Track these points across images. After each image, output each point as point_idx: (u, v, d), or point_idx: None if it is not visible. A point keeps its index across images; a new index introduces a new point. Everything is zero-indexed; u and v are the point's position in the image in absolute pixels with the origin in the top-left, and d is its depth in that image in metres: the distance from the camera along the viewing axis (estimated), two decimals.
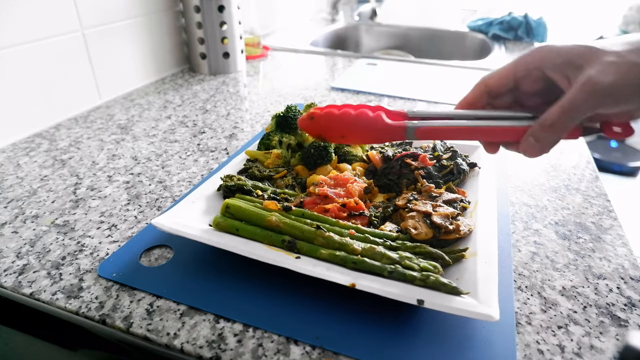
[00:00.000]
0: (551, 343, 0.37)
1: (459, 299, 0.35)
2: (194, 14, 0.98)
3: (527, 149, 0.38)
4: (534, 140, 0.37)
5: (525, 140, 0.38)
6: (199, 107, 0.87)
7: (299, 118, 0.46)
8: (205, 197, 0.49)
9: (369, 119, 0.42)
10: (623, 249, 0.48)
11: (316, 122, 0.44)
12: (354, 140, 0.48)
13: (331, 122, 0.43)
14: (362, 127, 0.42)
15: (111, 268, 0.43)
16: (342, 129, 0.43)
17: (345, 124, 0.43)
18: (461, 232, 0.43)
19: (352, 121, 0.42)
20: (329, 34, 1.58)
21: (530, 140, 0.38)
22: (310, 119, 0.44)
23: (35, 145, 0.70)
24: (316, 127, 0.44)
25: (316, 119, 0.44)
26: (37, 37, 0.72)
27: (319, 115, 0.44)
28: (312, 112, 0.44)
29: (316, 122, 0.44)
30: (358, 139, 0.46)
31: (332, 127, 0.43)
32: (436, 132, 0.41)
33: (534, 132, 0.37)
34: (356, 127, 0.42)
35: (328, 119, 0.43)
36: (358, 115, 0.42)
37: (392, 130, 0.41)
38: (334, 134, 0.44)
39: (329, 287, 0.39)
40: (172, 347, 0.36)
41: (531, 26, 1.39)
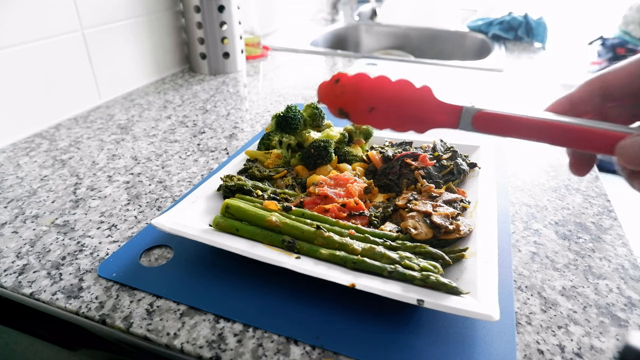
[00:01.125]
0: (551, 343, 0.37)
1: (459, 299, 0.35)
2: (194, 14, 0.98)
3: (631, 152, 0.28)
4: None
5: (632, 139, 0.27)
6: (199, 107, 0.87)
7: (321, 84, 0.36)
8: (205, 197, 0.49)
9: (413, 91, 0.33)
10: (623, 249, 0.48)
11: (342, 87, 0.35)
12: (385, 119, 0.35)
13: (361, 89, 0.34)
14: (401, 99, 0.33)
15: (111, 268, 0.43)
16: (374, 99, 0.34)
17: (379, 92, 0.34)
18: (461, 232, 0.43)
19: (390, 90, 0.33)
20: (329, 34, 1.58)
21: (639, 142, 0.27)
22: (335, 82, 0.35)
23: (35, 145, 0.70)
24: (340, 95, 0.35)
25: (343, 83, 0.35)
26: (37, 37, 0.72)
27: (347, 79, 0.35)
28: (339, 74, 0.35)
29: (341, 88, 0.35)
30: (391, 116, 0.34)
31: (362, 95, 0.34)
32: (502, 122, 0.31)
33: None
34: (393, 99, 0.33)
35: (358, 85, 0.34)
36: (399, 84, 0.33)
37: (442, 110, 0.32)
38: (361, 105, 0.35)
39: (329, 287, 0.39)
40: (172, 347, 0.36)
41: (531, 26, 1.39)
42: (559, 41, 1.49)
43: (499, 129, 0.31)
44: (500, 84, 1.02)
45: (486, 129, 0.32)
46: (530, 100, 0.90)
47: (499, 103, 0.32)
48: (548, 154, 0.69)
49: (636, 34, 2.36)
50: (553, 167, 0.66)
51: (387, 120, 0.35)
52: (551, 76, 1.08)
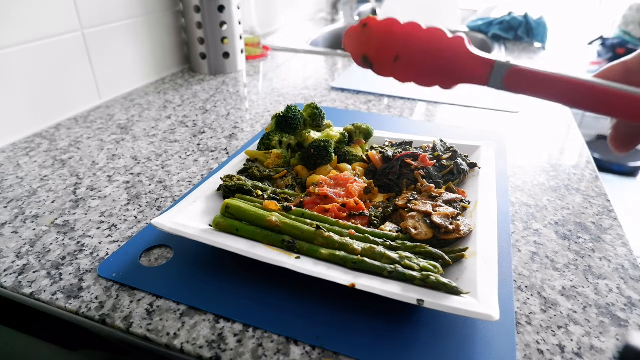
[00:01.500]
0: (551, 343, 0.37)
1: (459, 299, 0.35)
2: (194, 14, 0.98)
3: None
4: None
5: None
6: (199, 107, 0.87)
7: (348, 28, 0.35)
8: (205, 197, 0.49)
9: (444, 39, 0.31)
10: (623, 249, 0.48)
11: (369, 31, 0.33)
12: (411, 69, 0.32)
13: (390, 33, 0.32)
14: (431, 47, 0.31)
15: (111, 268, 0.43)
16: (401, 46, 0.32)
17: (408, 38, 0.32)
18: (461, 232, 0.43)
19: (419, 37, 0.31)
20: (329, 34, 1.58)
21: None
22: (362, 26, 0.33)
23: (35, 145, 0.70)
24: (366, 41, 0.33)
25: (370, 27, 0.33)
26: (37, 37, 0.72)
27: (375, 23, 0.33)
28: (367, 18, 0.33)
29: (369, 33, 0.33)
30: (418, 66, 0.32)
31: (389, 41, 0.32)
32: (538, 81, 0.28)
33: None
34: (422, 46, 0.31)
35: (387, 29, 0.32)
36: (430, 30, 0.31)
37: (473, 63, 0.30)
38: (387, 53, 0.33)
39: (329, 287, 0.39)
40: (172, 347, 0.36)
41: (531, 26, 1.39)
42: (559, 41, 1.49)
43: (533, 88, 0.29)
44: None
45: (518, 88, 0.29)
46: (530, 101, 0.90)
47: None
48: (548, 154, 0.69)
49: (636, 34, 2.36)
50: (553, 167, 0.66)
51: (413, 71, 0.33)
52: None
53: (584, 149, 0.71)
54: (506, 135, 0.74)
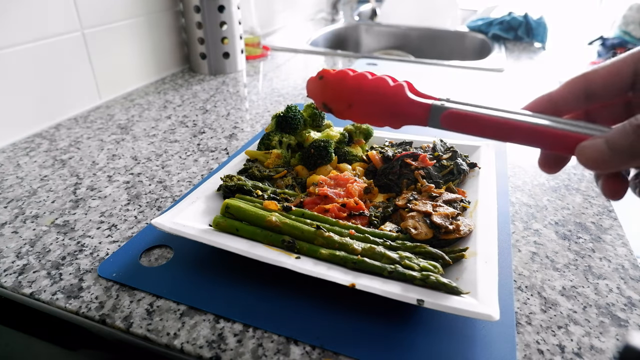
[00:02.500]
0: (551, 343, 0.37)
1: (459, 299, 0.35)
2: (194, 14, 0.98)
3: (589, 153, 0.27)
4: (606, 147, 0.26)
5: (593, 141, 0.27)
6: (199, 107, 0.87)
7: (308, 79, 0.40)
8: (205, 197, 0.49)
9: (386, 88, 0.34)
10: (623, 249, 0.48)
11: (325, 83, 0.37)
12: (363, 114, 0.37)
13: (342, 85, 0.36)
14: (375, 96, 0.35)
15: (111, 268, 0.43)
16: (352, 96, 0.36)
17: (357, 89, 0.36)
18: (461, 232, 0.43)
19: (366, 87, 0.35)
20: (329, 34, 1.58)
21: (599, 144, 0.26)
22: (319, 78, 0.38)
23: (35, 145, 0.70)
24: (324, 90, 0.38)
25: (326, 79, 0.37)
26: (37, 37, 0.72)
27: (329, 76, 0.37)
28: (322, 71, 0.38)
29: (325, 84, 0.37)
30: (368, 112, 0.36)
31: (342, 91, 0.36)
32: (470, 122, 0.31)
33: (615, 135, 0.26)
34: (369, 95, 0.35)
35: (339, 81, 0.37)
36: (375, 81, 0.35)
37: (412, 108, 0.33)
38: (341, 101, 0.37)
39: (329, 287, 0.39)
40: (172, 347, 0.36)
41: (531, 26, 1.39)
42: (559, 41, 1.49)
43: (467, 128, 0.31)
44: (500, 84, 1.02)
45: (454, 128, 0.32)
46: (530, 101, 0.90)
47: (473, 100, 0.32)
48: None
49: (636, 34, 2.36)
50: None
51: (365, 116, 0.37)
52: (551, 76, 1.08)
53: None
54: None
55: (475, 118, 0.31)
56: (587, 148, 0.27)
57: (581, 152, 0.27)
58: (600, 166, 0.26)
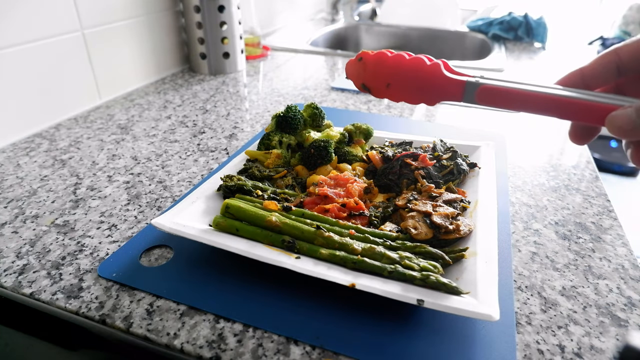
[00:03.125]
0: (551, 343, 0.37)
1: (459, 299, 0.35)
2: (194, 14, 0.98)
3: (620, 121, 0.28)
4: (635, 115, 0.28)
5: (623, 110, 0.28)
6: (199, 107, 0.87)
7: (348, 61, 0.42)
8: (205, 197, 0.49)
9: (423, 67, 0.37)
10: (623, 249, 0.48)
11: (364, 65, 0.40)
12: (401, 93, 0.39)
13: (381, 65, 0.39)
14: (413, 74, 0.37)
15: (111, 268, 0.43)
16: (390, 75, 0.39)
17: (396, 69, 0.38)
18: (461, 232, 0.43)
19: (404, 66, 0.38)
20: (329, 34, 1.58)
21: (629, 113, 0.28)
22: (358, 60, 0.40)
23: (35, 145, 0.70)
24: (363, 72, 0.40)
25: (365, 60, 0.40)
26: (37, 37, 0.72)
27: (369, 57, 0.40)
28: (362, 53, 0.41)
29: (364, 65, 0.40)
30: (406, 90, 0.39)
31: (381, 72, 0.39)
32: (504, 96, 0.33)
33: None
34: (407, 74, 0.38)
35: (378, 62, 0.39)
36: (412, 61, 0.38)
37: (448, 84, 0.35)
38: (380, 81, 0.39)
39: (329, 287, 0.39)
40: (172, 347, 0.36)
41: (531, 26, 1.39)
42: (559, 41, 1.49)
43: (500, 103, 0.33)
44: None
45: (488, 103, 0.34)
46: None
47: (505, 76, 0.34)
48: (548, 154, 0.69)
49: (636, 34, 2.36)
50: (553, 167, 0.66)
51: (403, 94, 0.39)
52: (551, 76, 1.08)
53: (584, 149, 0.71)
54: (506, 135, 0.74)
55: (509, 92, 0.32)
56: (618, 117, 0.28)
57: (611, 121, 0.28)
58: (629, 134, 0.28)
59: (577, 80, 0.32)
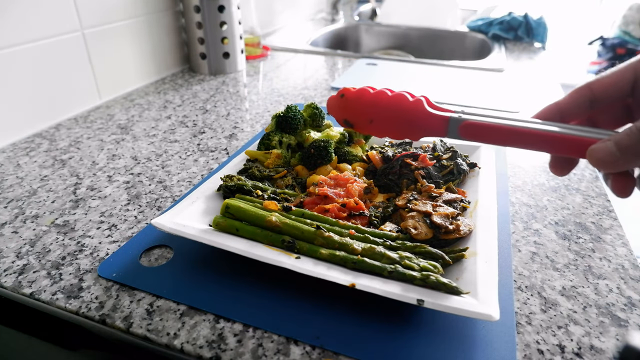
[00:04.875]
0: (551, 343, 0.37)
1: (459, 299, 0.35)
2: (194, 14, 0.98)
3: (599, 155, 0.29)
4: (615, 148, 0.28)
5: (602, 144, 0.29)
6: (199, 107, 0.87)
7: (329, 97, 0.42)
8: (205, 197, 0.49)
9: (406, 104, 0.37)
10: (623, 249, 0.48)
11: (346, 101, 0.40)
12: (384, 129, 0.39)
13: (363, 102, 0.39)
14: (396, 111, 0.37)
15: (111, 268, 0.43)
16: (372, 112, 0.38)
17: (378, 106, 0.38)
18: (461, 232, 0.43)
19: (386, 103, 0.37)
20: (329, 34, 1.58)
21: (608, 146, 0.29)
22: (340, 96, 0.40)
23: (35, 145, 0.70)
24: (345, 108, 0.40)
25: (347, 97, 0.40)
26: (37, 37, 0.72)
27: (350, 94, 0.39)
28: (343, 90, 0.40)
29: (346, 102, 0.40)
30: (389, 126, 0.39)
31: (363, 109, 0.39)
32: (486, 131, 0.33)
33: (623, 137, 0.28)
34: (389, 111, 0.37)
35: (359, 99, 0.39)
36: (395, 97, 0.37)
37: (431, 121, 0.35)
38: (362, 117, 0.39)
39: (329, 287, 0.39)
40: (172, 347, 0.36)
41: (531, 26, 1.39)
42: (559, 41, 1.49)
43: (483, 138, 0.34)
44: (500, 84, 1.02)
45: (471, 137, 0.34)
46: (529, 100, 0.90)
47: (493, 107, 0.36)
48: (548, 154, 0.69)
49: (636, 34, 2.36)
50: None
51: (386, 130, 0.40)
52: (551, 76, 1.08)
53: None
54: None
55: (491, 128, 0.33)
56: (598, 150, 0.29)
57: (592, 154, 0.30)
58: (609, 166, 0.29)
59: (554, 113, 0.34)
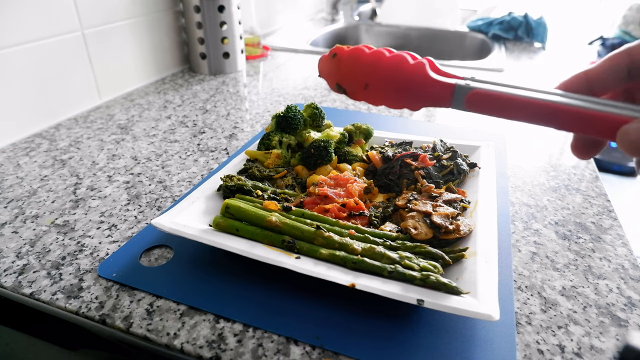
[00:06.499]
0: (551, 343, 0.37)
1: (459, 299, 0.35)
2: (194, 14, 0.98)
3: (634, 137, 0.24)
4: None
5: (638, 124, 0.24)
6: (199, 107, 0.87)
7: (320, 57, 0.37)
8: (205, 197, 0.49)
9: (405, 66, 0.31)
10: (623, 249, 0.48)
11: (338, 61, 0.35)
12: (380, 95, 0.34)
13: (357, 63, 0.34)
14: (395, 75, 0.32)
15: (111, 268, 0.43)
16: (368, 75, 0.33)
17: (374, 68, 0.33)
18: (461, 232, 0.43)
19: (383, 65, 0.32)
20: (329, 34, 1.58)
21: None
22: (332, 56, 0.35)
23: (35, 145, 0.70)
24: (337, 69, 0.35)
25: (339, 57, 0.35)
26: (37, 37, 0.72)
27: (343, 53, 0.34)
28: (336, 48, 0.35)
29: (338, 62, 0.35)
30: (386, 93, 0.33)
31: (357, 70, 0.34)
32: (498, 102, 0.28)
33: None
34: (386, 74, 0.32)
35: (354, 59, 0.34)
36: (393, 58, 0.32)
37: (434, 87, 0.30)
38: (356, 81, 0.34)
39: (329, 287, 0.39)
40: (172, 347, 0.36)
41: (531, 26, 1.39)
42: (559, 41, 1.49)
43: (493, 110, 0.29)
44: None
45: (479, 109, 0.29)
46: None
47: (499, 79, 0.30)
48: (548, 154, 0.69)
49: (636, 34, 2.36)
50: (553, 167, 0.66)
51: (382, 97, 0.34)
52: (551, 76, 1.08)
53: None
54: (506, 135, 0.74)
55: (504, 99, 0.28)
56: (632, 131, 0.24)
57: (624, 136, 0.24)
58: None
59: (581, 84, 0.28)
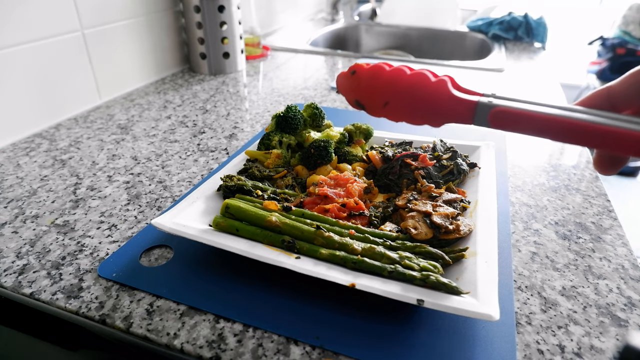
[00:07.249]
0: (551, 343, 0.37)
1: (458, 299, 0.35)
2: (194, 14, 0.98)
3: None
4: None
5: None
6: (199, 107, 0.87)
7: (339, 74, 0.37)
8: (205, 197, 0.49)
9: (427, 83, 0.31)
10: (623, 249, 0.48)
11: (358, 79, 0.34)
12: (400, 113, 0.33)
13: (377, 81, 0.33)
14: (415, 92, 0.32)
15: (111, 268, 0.43)
16: (388, 93, 0.33)
17: (394, 85, 0.33)
18: (461, 232, 0.43)
19: (404, 83, 0.32)
20: (329, 34, 1.58)
21: None
22: (351, 73, 0.35)
23: (35, 145, 0.70)
24: (357, 87, 0.35)
25: (359, 75, 0.34)
26: (37, 37, 0.72)
27: (363, 71, 0.34)
28: (355, 66, 0.35)
29: (358, 80, 0.34)
30: (406, 111, 0.33)
31: (377, 88, 0.33)
32: (521, 120, 0.28)
33: None
34: (407, 92, 0.32)
35: (374, 77, 0.34)
36: (414, 77, 0.32)
37: (456, 105, 0.30)
38: (376, 99, 0.34)
39: (329, 287, 0.39)
40: (172, 347, 0.36)
41: (531, 26, 1.39)
42: (559, 41, 1.49)
43: (517, 127, 0.28)
44: (500, 84, 1.02)
45: (503, 126, 0.29)
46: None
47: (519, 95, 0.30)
48: (548, 154, 0.69)
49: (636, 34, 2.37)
50: (553, 167, 0.66)
51: (402, 114, 0.34)
52: (551, 76, 1.08)
53: (584, 149, 0.71)
54: (506, 135, 0.74)
55: (528, 117, 0.27)
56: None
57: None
58: None
59: (603, 100, 0.28)
